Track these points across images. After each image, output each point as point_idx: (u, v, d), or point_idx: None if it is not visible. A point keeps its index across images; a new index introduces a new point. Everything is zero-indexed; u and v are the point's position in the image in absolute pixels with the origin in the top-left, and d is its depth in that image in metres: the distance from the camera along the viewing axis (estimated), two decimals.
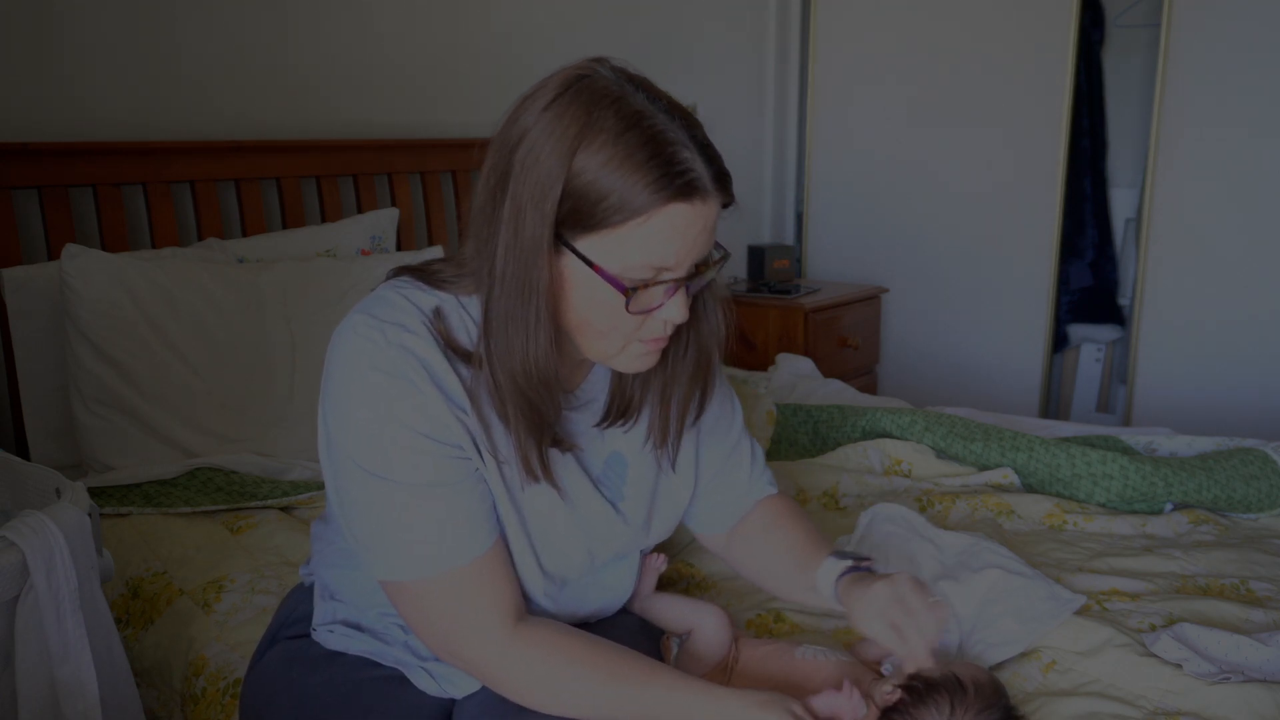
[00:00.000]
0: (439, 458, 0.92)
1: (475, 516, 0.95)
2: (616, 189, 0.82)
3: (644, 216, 0.83)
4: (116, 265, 1.73)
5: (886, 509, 1.51)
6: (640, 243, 0.85)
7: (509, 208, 0.86)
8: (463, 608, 0.94)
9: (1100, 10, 3.58)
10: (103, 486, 1.64)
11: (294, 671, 1.08)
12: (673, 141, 0.84)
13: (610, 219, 0.83)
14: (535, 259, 0.85)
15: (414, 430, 0.90)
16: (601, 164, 0.82)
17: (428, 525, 0.92)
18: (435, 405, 0.91)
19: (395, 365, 0.90)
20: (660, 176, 0.82)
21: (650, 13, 3.16)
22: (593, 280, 0.87)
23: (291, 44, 2.24)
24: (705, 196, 0.86)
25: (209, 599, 1.38)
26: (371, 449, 0.91)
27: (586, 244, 0.86)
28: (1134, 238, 3.51)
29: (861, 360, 3.38)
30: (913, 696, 1.02)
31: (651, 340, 0.93)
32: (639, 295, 0.88)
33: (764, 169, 3.80)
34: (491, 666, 0.95)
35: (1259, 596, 1.41)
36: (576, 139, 0.83)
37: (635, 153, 0.82)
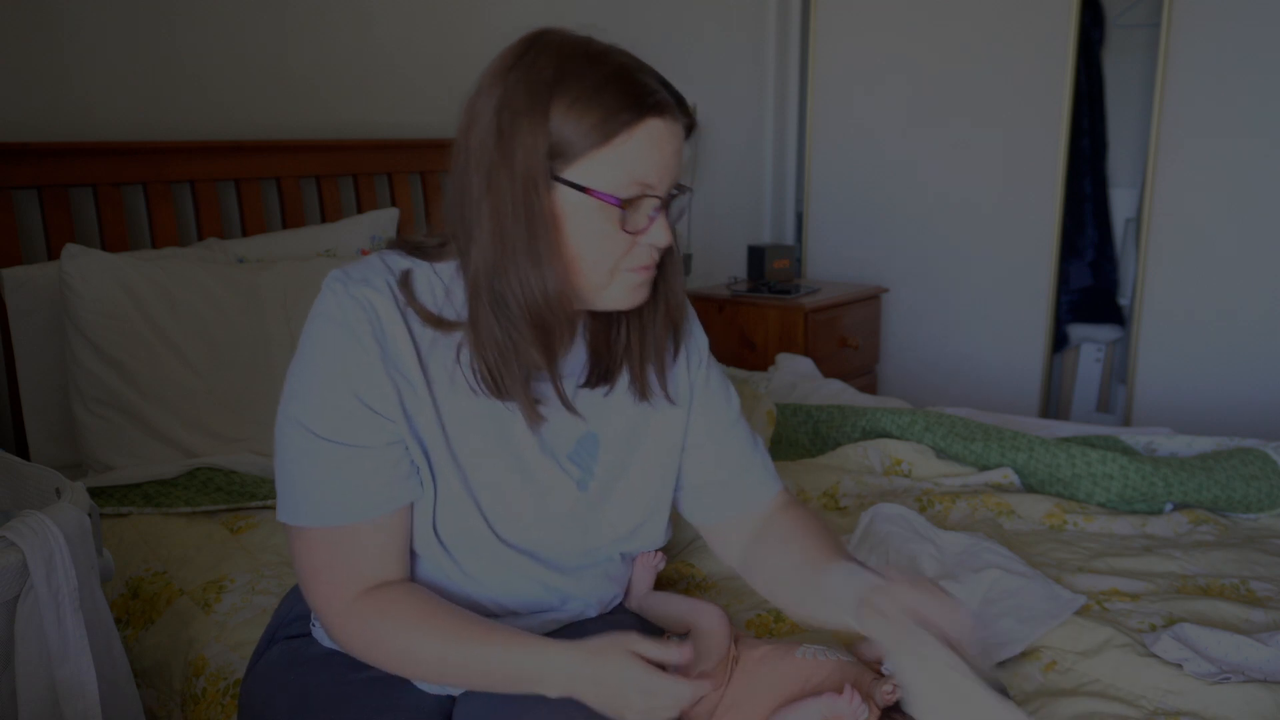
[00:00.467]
0: (356, 418, 0.95)
1: (370, 483, 0.96)
2: (598, 111, 0.89)
3: (626, 133, 0.90)
4: (116, 265, 1.73)
5: (887, 509, 1.51)
6: (624, 159, 0.91)
7: (498, 155, 0.91)
8: (324, 564, 0.97)
9: (1100, 10, 3.58)
10: (103, 486, 1.64)
11: (291, 673, 1.08)
12: (639, 70, 0.93)
13: (596, 141, 0.90)
14: (535, 193, 0.91)
15: (342, 385, 0.95)
16: (581, 93, 0.90)
17: (321, 478, 0.96)
18: (371, 363, 0.95)
19: (346, 315, 0.95)
20: (635, 95, 0.91)
21: (650, 13, 3.16)
22: (586, 206, 0.92)
23: (291, 44, 2.24)
24: (675, 115, 0.94)
25: (209, 599, 1.38)
26: (300, 396, 0.97)
27: (575, 172, 0.91)
28: (1134, 238, 3.52)
29: (861, 360, 3.38)
30: None
31: (639, 269, 0.97)
32: (630, 213, 0.93)
33: (764, 169, 3.81)
34: (334, 626, 0.98)
35: (1259, 596, 1.41)
36: (554, 79, 0.90)
37: (609, 81, 0.91)
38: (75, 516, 1.01)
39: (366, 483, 0.96)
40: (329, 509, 0.96)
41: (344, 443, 0.95)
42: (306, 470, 0.96)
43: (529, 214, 0.91)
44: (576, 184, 0.91)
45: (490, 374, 0.97)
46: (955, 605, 0.93)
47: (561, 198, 0.92)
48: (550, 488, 1.04)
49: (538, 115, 0.90)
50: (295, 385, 0.97)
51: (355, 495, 0.96)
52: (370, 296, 0.96)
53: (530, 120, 0.90)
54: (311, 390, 0.96)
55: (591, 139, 0.90)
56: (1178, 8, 2.98)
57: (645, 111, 0.91)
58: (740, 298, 3.23)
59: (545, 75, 0.91)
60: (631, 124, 0.90)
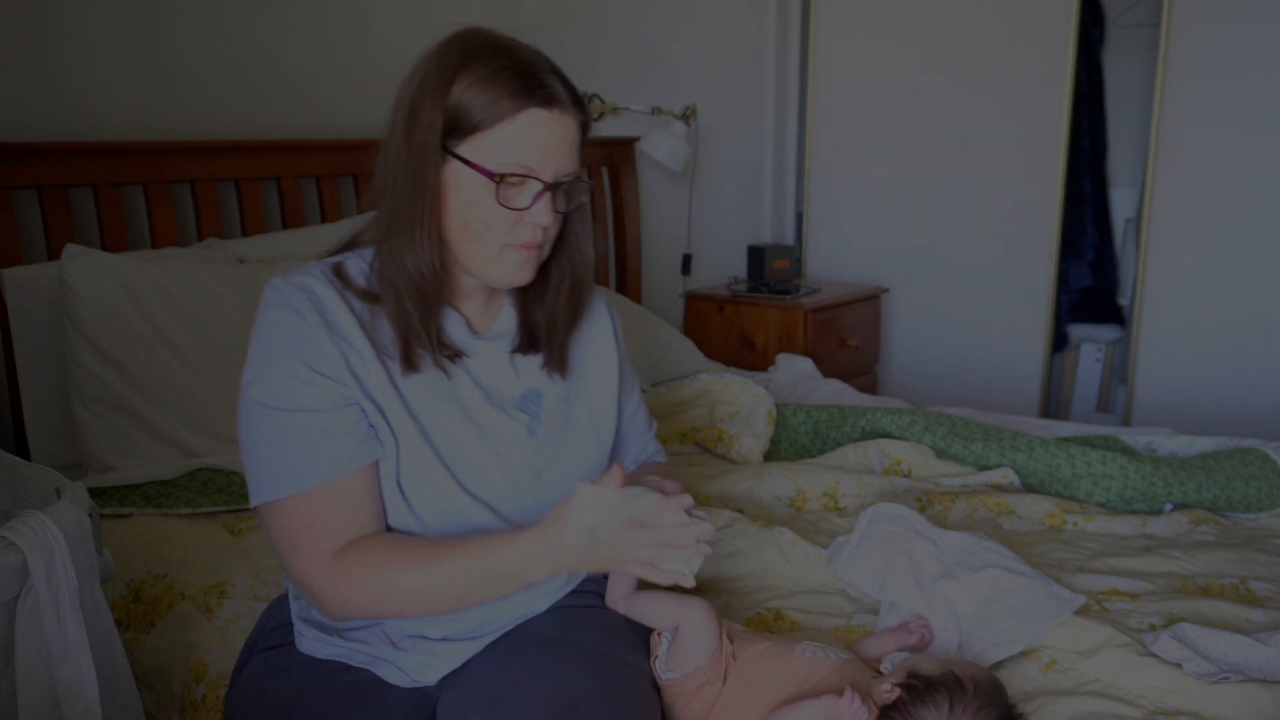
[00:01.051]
0: (308, 385, 1.00)
1: (331, 444, 1.00)
2: (490, 94, 0.99)
3: (510, 119, 0.99)
4: (116, 265, 1.73)
5: (887, 508, 1.51)
6: (509, 141, 0.99)
7: (403, 127, 1.01)
8: (302, 531, 0.99)
9: (1100, 10, 3.58)
10: (103, 487, 1.64)
11: (268, 683, 1.10)
12: (538, 66, 1.02)
13: (483, 122, 0.99)
14: (426, 164, 1.00)
15: (289, 357, 1.01)
16: (479, 77, 0.99)
17: (284, 447, 1.00)
18: (315, 334, 1.02)
19: (287, 299, 1.03)
20: (524, 86, 0.99)
21: (650, 13, 3.16)
22: (470, 180, 1.00)
23: (291, 44, 2.24)
24: (563, 109, 1.02)
25: (210, 604, 1.38)
26: (253, 379, 1.02)
27: (465, 148, 1.00)
28: (1134, 238, 3.52)
29: (861, 360, 3.38)
30: (912, 695, 1.03)
31: (522, 246, 1.04)
32: (507, 188, 1.00)
33: (764, 169, 3.81)
34: (322, 592, 0.99)
35: (1259, 596, 1.41)
36: (459, 65, 1.00)
37: (505, 70, 1.00)
38: (75, 516, 1.01)
39: (328, 444, 1.00)
40: (296, 475, 0.99)
41: (300, 409, 1.00)
42: (269, 444, 1.00)
43: (418, 184, 1.00)
44: (462, 157, 1.00)
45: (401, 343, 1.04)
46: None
47: (450, 171, 1.01)
48: (502, 436, 1.10)
49: (440, 93, 0.99)
50: (248, 373, 1.03)
51: (318, 457, 1.00)
52: (307, 283, 1.05)
53: (434, 98, 1.00)
54: (263, 370, 1.01)
55: (482, 118, 0.99)
56: (1178, 8, 2.98)
57: (532, 101, 0.99)
58: (740, 298, 3.23)
59: (454, 60, 1.00)
60: (518, 110, 0.99)
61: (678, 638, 1.11)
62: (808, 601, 1.43)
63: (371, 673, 1.08)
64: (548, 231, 1.05)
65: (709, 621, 1.12)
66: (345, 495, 1.01)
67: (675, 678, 1.11)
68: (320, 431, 1.00)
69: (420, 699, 1.06)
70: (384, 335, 1.05)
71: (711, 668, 1.10)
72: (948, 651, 1.25)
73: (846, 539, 1.51)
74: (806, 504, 1.80)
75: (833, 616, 1.38)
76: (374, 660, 1.08)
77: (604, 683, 1.01)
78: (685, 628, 1.11)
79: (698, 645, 1.11)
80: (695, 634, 1.11)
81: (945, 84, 3.41)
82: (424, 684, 1.07)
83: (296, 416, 1.00)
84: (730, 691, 1.10)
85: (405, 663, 1.07)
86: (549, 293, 1.13)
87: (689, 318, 3.34)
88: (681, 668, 1.10)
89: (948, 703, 1.01)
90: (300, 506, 1.00)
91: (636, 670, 1.09)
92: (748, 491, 1.80)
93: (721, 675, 1.11)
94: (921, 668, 1.06)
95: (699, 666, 1.10)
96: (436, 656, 1.08)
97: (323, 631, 1.11)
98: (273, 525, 1.02)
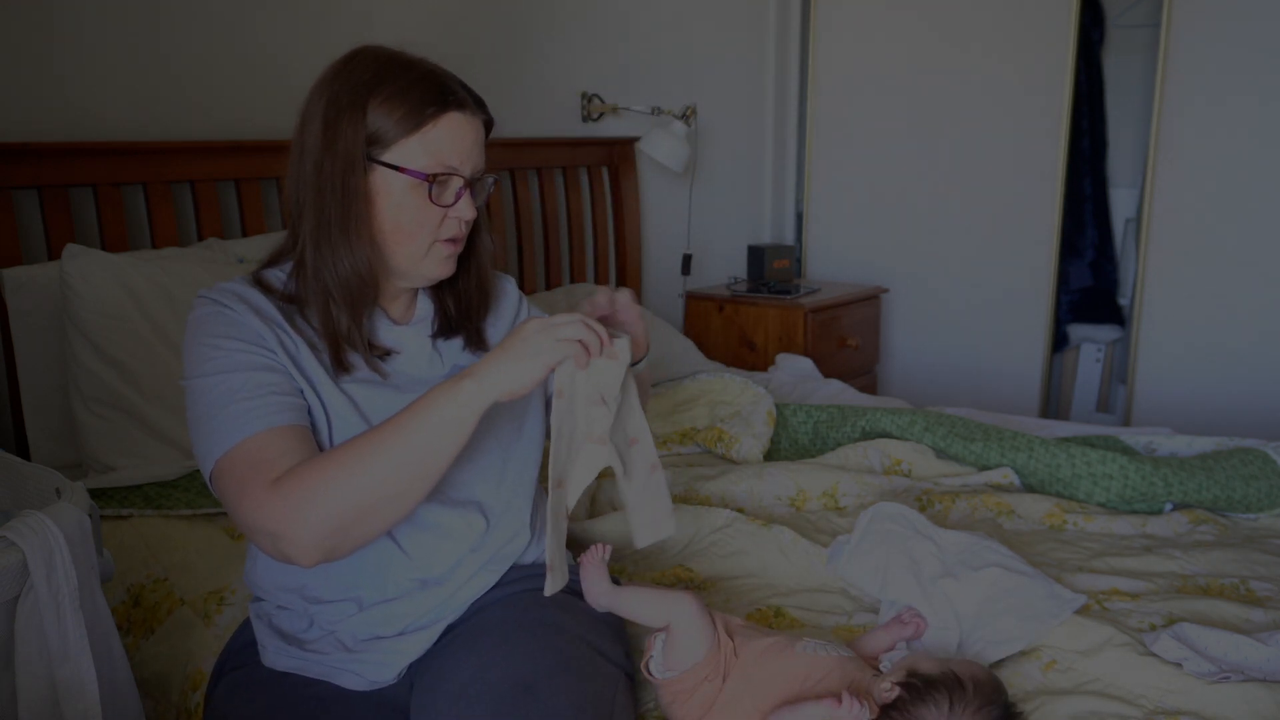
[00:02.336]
0: (244, 350, 1.05)
1: (268, 395, 1.04)
2: (409, 106, 1.07)
3: (432, 123, 1.07)
4: (117, 265, 1.73)
5: (887, 508, 1.51)
6: (430, 145, 1.07)
7: (324, 144, 1.07)
8: (247, 476, 0.99)
9: (1100, 10, 3.58)
10: (103, 488, 1.64)
11: (233, 702, 1.11)
12: (445, 76, 1.11)
13: (406, 129, 1.07)
14: (353, 173, 1.06)
15: (224, 335, 1.06)
16: (394, 91, 1.07)
17: (224, 403, 1.03)
18: (247, 318, 1.08)
19: (217, 299, 1.09)
20: (439, 93, 1.08)
21: (650, 13, 3.16)
22: (399, 184, 1.08)
23: (291, 44, 2.24)
24: (474, 111, 1.11)
25: (209, 610, 1.37)
26: (191, 359, 1.07)
27: (389, 156, 1.08)
28: (1134, 238, 3.52)
29: (861, 360, 3.38)
30: (911, 694, 1.02)
31: (448, 241, 1.12)
32: (437, 188, 1.08)
33: (764, 169, 3.81)
34: (270, 524, 0.96)
35: (1259, 596, 1.41)
36: (373, 80, 1.07)
37: (418, 82, 1.08)
38: (75, 516, 1.01)
39: (264, 397, 1.04)
40: (237, 425, 1.01)
41: (233, 369, 1.04)
42: (211, 406, 1.03)
43: (346, 192, 1.06)
44: (390, 163, 1.07)
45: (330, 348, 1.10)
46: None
47: (377, 179, 1.08)
48: None
49: (358, 110, 1.06)
50: (186, 368, 1.07)
51: (257, 408, 1.03)
52: (232, 287, 1.11)
53: (351, 113, 1.06)
54: (198, 355, 1.06)
55: (403, 127, 1.06)
56: (1178, 8, 2.98)
57: (448, 106, 1.08)
58: (740, 298, 3.23)
59: (365, 78, 1.07)
60: (436, 115, 1.07)
61: (671, 635, 1.11)
62: (808, 600, 1.43)
63: (330, 684, 1.09)
64: (467, 225, 1.14)
65: (701, 616, 1.11)
66: (283, 443, 1.01)
67: (672, 676, 1.10)
68: (256, 385, 1.04)
69: (381, 704, 1.07)
70: (306, 331, 1.11)
71: (709, 663, 1.10)
72: (948, 650, 1.25)
73: (847, 538, 1.51)
74: (806, 504, 1.80)
75: (833, 615, 1.38)
76: (331, 670, 1.09)
77: (560, 658, 1.03)
78: (677, 624, 1.11)
79: (692, 641, 1.10)
80: (688, 630, 1.10)
81: (945, 84, 3.41)
82: (382, 683, 1.09)
83: (230, 376, 1.04)
84: (730, 689, 1.09)
85: (361, 666, 1.09)
86: (460, 279, 1.21)
87: (689, 318, 3.34)
88: (678, 665, 1.10)
89: (947, 702, 1.01)
90: (243, 454, 1.00)
91: (591, 647, 1.09)
92: (748, 491, 1.80)
93: (720, 672, 1.10)
94: (921, 666, 1.06)
95: (696, 663, 1.10)
96: (395, 653, 1.09)
97: (284, 642, 1.12)
98: (221, 486, 1.01)
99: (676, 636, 1.10)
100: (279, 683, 1.10)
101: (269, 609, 1.15)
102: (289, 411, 1.04)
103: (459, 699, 0.99)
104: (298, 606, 1.12)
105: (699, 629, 1.10)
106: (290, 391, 1.06)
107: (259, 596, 1.17)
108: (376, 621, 1.10)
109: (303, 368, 1.08)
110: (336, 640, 1.10)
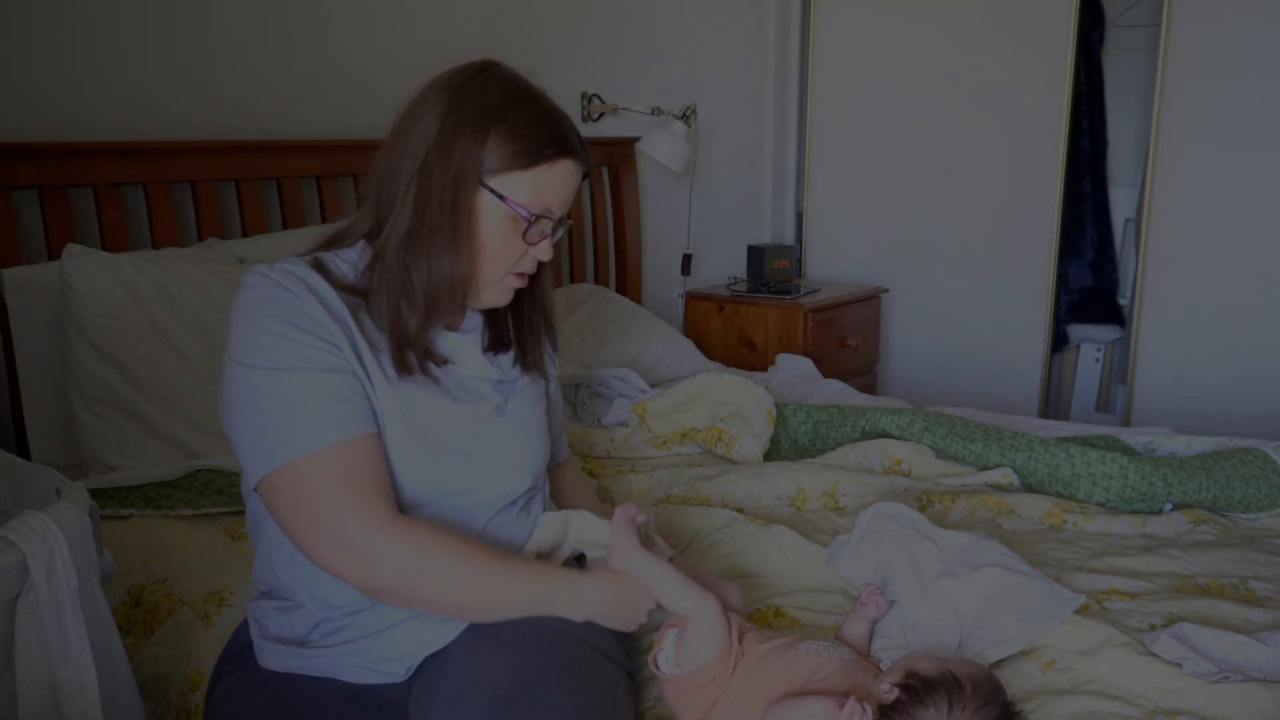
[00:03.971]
0: (315, 347, 1.04)
1: (349, 402, 1.04)
2: (528, 142, 1.08)
3: (546, 165, 1.09)
4: (117, 265, 1.73)
5: (887, 508, 1.51)
6: (539, 185, 1.09)
7: (436, 150, 1.07)
8: (339, 485, 1.00)
9: (1100, 10, 3.58)
10: (103, 488, 1.64)
11: (231, 704, 1.11)
12: (563, 119, 1.13)
13: (521, 164, 1.08)
14: (463, 188, 1.07)
15: (291, 324, 1.04)
16: (518, 124, 1.08)
17: (303, 406, 1.02)
18: (314, 309, 1.06)
19: (279, 281, 1.06)
20: (558, 137, 1.10)
21: (650, 13, 3.16)
22: (499, 213, 1.09)
23: (291, 44, 2.24)
24: (582, 160, 1.14)
25: (209, 611, 1.37)
26: (251, 345, 1.04)
27: (498, 183, 1.09)
28: (1134, 238, 3.51)
29: (861, 360, 3.38)
30: (910, 695, 1.02)
31: (519, 275, 1.15)
32: (534, 226, 1.11)
33: (764, 169, 3.81)
34: (369, 548, 1.00)
35: (1259, 596, 1.41)
36: (500, 105, 1.08)
37: (541, 120, 1.10)
38: (75, 516, 1.01)
39: (350, 397, 1.05)
40: (314, 431, 1.01)
41: (303, 366, 1.03)
42: (289, 403, 1.02)
43: (455, 203, 1.07)
44: (499, 192, 1.08)
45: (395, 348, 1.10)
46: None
47: (481, 200, 1.09)
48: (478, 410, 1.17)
49: (480, 130, 1.07)
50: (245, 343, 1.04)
51: (349, 411, 1.04)
52: (293, 269, 1.09)
53: (473, 131, 1.07)
54: (259, 340, 1.03)
55: (519, 161, 1.08)
56: (1178, 8, 2.98)
57: (562, 152, 1.10)
58: (740, 298, 3.23)
59: (493, 99, 1.09)
60: (551, 159, 1.09)
61: (686, 631, 1.11)
62: (808, 600, 1.43)
63: (333, 681, 1.08)
64: (539, 264, 1.17)
65: (721, 619, 1.11)
66: (367, 453, 1.04)
67: (680, 673, 1.10)
68: (332, 389, 1.04)
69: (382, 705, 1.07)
70: (368, 326, 1.10)
71: (718, 665, 1.10)
72: (947, 650, 1.25)
73: (847, 538, 1.51)
74: (806, 503, 1.80)
75: (832, 615, 1.38)
76: (335, 666, 1.08)
77: (559, 659, 1.03)
78: (696, 621, 1.11)
79: (707, 641, 1.10)
80: (706, 629, 1.10)
81: (945, 84, 3.41)
82: (391, 677, 1.08)
83: (303, 376, 1.02)
84: (733, 691, 1.09)
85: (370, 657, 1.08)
86: (525, 304, 1.24)
87: (689, 318, 3.34)
88: (688, 664, 1.10)
89: (946, 703, 1.01)
90: (336, 460, 1.01)
91: (592, 647, 1.09)
92: (748, 491, 1.80)
93: (728, 675, 1.10)
94: (919, 667, 1.06)
95: (706, 663, 1.10)
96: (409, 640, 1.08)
97: (283, 644, 1.11)
98: (293, 490, 1.01)
99: (692, 634, 1.10)
100: (277, 682, 1.09)
101: (267, 609, 1.14)
102: (365, 418, 1.05)
103: (457, 701, 0.98)
104: (309, 604, 1.11)
105: (716, 631, 1.11)
106: (360, 394, 1.06)
107: (265, 593, 1.16)
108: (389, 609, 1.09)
109: (365, 365, 1.08)
110: (348, 633, 1.09)
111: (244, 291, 1.08)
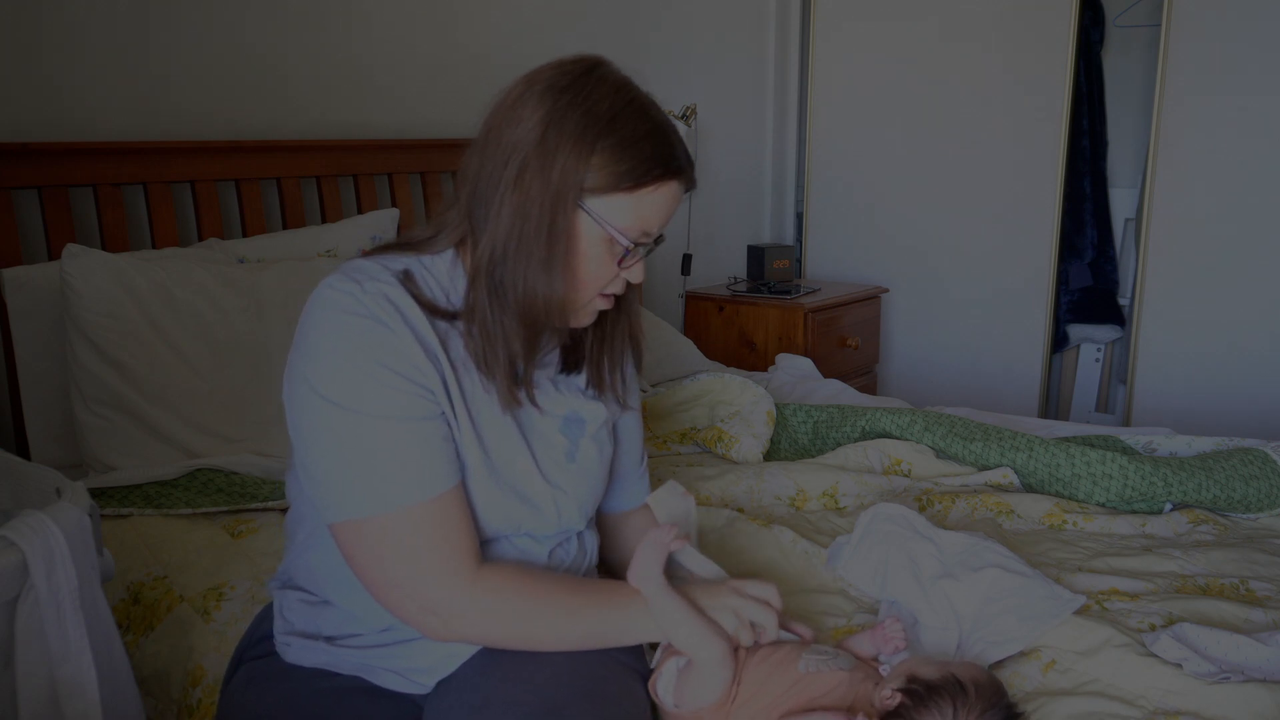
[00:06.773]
0: (408, 393, 0.98)
1: (440, 453, 0.99)
2: (635, 161, 0.99)
3: (652, 187, 1.00)
4: (117, 265, 1.73)
5: (887, 508, 1.51)
6: (641, 208, 1.00)
7: (536, 160, 0.98)
8: (426, 545, 0.97)
9: (1100, 10, 3.58)
10: (103, 488, 1.64)
11: (252, 692, 1.09)
12: (672, 133, 1.03)
13: (625, 186, 0.99)
14: (562, 207, 0.98)
15: (385, 365, 0.97)
16: (626, 140, 0.99)
17: (393, 458, 0.97)
18: (408, 345, 0.98)
19: (371, 309, 0.98)
20: (667, 157, 1.01)
21: (650, 13, 3.16)
22: (596, 235, 1.01)
23: (291, 44, 2.24)
24: (689, 180, 1.05)
25: (208, 607, 1.37)
26: (340, 381, 0.96)
27: (598, 204, 1.00)
28: (1134, 238, 3.52)
29: (861, 360, 3.38)
30: (914, 700, 1.02)
31: (607, 295, 1.07)
32: (630, 252, 1.03)
33: (764, 169, 3.81)
34: (455, 607, 0.98)
35: (1259, 596, 1.41)
36: (609, 115, 0.99)
37: (650, 136, 1.00)
38: (75, 516, 1.01)
39: (438, 450, 0.99)
40: (412, 487, 0.97)
41: (395, 414, 0.97)
42: (374, 455, 0.96)
43: (551, 224, 0.98)
44: (598, 217, 1.00)
45: (480, 354, 1.03)
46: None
47: (579, 222, 1.00)
48: (551, 455, 1.11)
49: (585, 145, 0.98)
50: (331, 377, 0.97)
51: (435, 466, 0.99)
52: (385, 290, 1.00)
53: (577, 146, 0.98)
54: (354, 377, 0.96)
55: (624, 182, 0.99)
56: (1178, 8, 2.98)
57: (670, 173, 1.01)
58: (740, 298, 3.23)
59: (600, 109, 0.99)
60: (659, 181, 1.00)
61: (690, 670, 1.06)
62: (808, 601, 1.43)
63: (360, 681, 1.06)
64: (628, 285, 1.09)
65: (726, 665, 1.05)
66: (462, 505, 1.01)
67: (678, 711, 1.07)
68: (423, 440, 0.99)
69: (400, 703, 1.05)
70: (456, 353, 1.04)
71: (718, 708, 1.06)
72: (947, 651, 1.25)
73: (847, 538, 1.51)
74: (806, 504, 1.80)
75: (832, 616, 1.38)
76: (364, 666, 1.06)
77: (588, 681, 1.00)
78: (703, 664, 1.05)
79: (709, 685, 1.05)
80: (708, 677, 1.05)
81: (945, 83, 3.41)
82: (418, 689, 1.05)
83: (394, 425, 0.97)
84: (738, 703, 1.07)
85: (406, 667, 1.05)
86: (610, 324, 1.15)
87: (689, 318, 3.34)
88: (687, 703, 1.06)
89: (951, 706, 1.00)
90: (424, 516, 0.97)
91: (624, 666, 1.07)
92: (748, 491, 1.80)
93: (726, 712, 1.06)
94: (921, 671, 1.05)
95: (706, 705, 1.05)
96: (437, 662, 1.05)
97: (309, 639, 1.09)
98: (375, 543, 0.98)
99: (694, 677, 1.06)
100: (301, 674, 1.07)
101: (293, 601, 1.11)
102: (451, 467, 1.01)
103: (481, 710, 0.96)
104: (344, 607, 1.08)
105: (721, 676, 1.05)
106: (448, 438, 1.01)
107: (288, 583, 1.13)
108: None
109: (452, 401, 1.02)
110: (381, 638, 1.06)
111: (329, 311, 0.99)
